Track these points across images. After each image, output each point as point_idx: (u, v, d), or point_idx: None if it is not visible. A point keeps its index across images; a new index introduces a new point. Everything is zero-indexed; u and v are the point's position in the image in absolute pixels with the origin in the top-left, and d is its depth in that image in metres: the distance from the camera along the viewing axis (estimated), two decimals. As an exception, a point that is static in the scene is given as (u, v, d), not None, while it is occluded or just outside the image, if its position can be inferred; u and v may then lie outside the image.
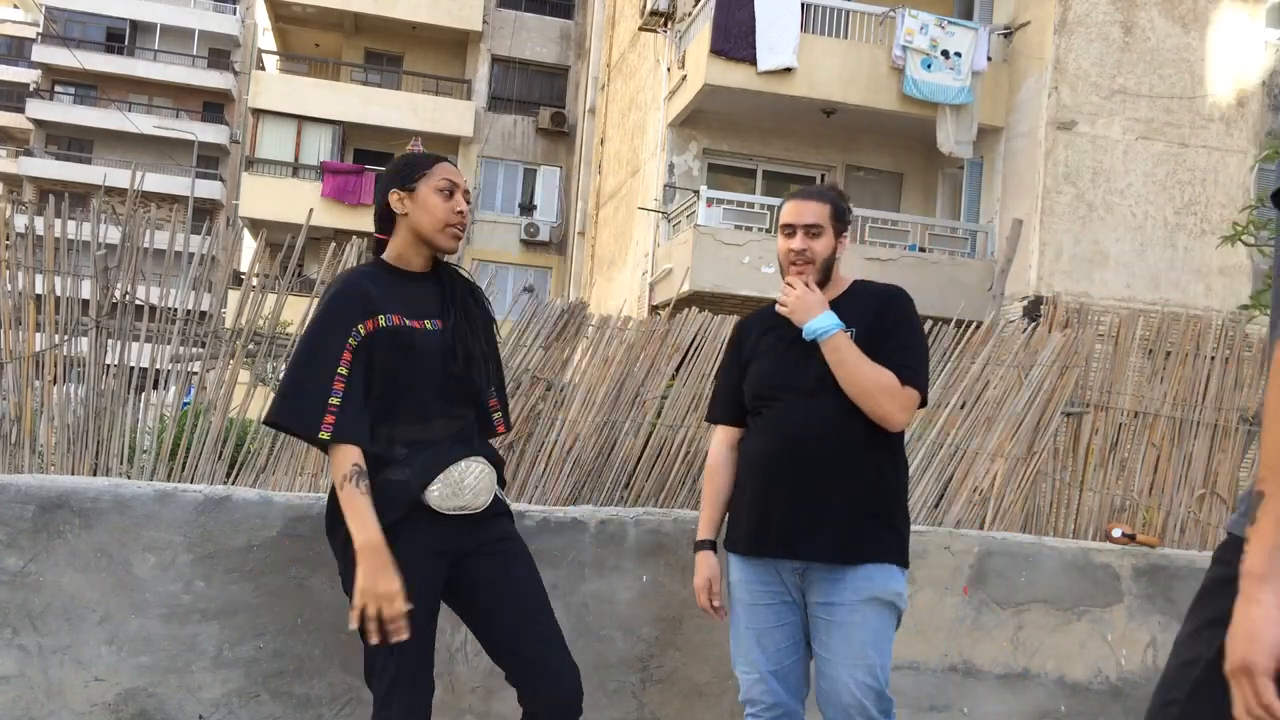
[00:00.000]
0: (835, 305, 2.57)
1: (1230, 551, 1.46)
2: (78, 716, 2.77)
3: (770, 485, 2.51)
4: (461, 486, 2.31)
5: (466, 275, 2.55)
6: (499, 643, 2.40)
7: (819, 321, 2.49)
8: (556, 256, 24.21)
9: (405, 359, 2.33)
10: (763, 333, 2.66)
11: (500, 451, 2.75)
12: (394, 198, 2.39)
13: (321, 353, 2.27)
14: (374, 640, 2.18)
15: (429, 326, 2.37)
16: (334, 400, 2.24)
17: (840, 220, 2.62)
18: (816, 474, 2.48)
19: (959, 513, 3.65)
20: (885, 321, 2.55)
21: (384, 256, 2.44)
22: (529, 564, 2.45)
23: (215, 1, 43.54)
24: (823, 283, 2.58)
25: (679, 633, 3.14)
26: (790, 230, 2.59)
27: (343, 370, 2.26)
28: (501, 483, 2.50)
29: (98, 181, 31.51)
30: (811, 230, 2.56)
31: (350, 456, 2.23)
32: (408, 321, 2.34)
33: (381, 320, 2.31)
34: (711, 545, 2.67)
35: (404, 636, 2.17)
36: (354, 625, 2.17)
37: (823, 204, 2.59)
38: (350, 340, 2.28)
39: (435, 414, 2.35)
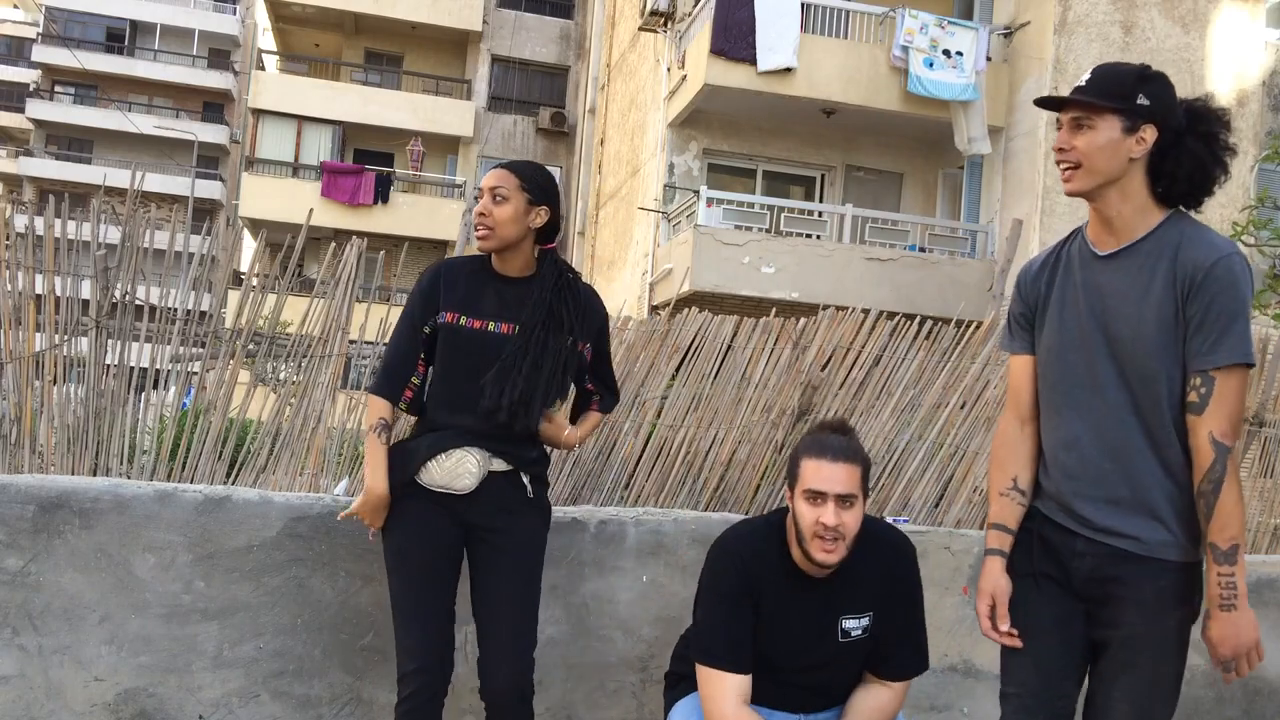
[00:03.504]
0: (840, 575, 2.35)
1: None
2: (78, 716, 2.77)
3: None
4: (442, 467, 2.51)
5: (571, 280, 2.65)
6: (476, 623, 2.60)
7: None
8: (556, 256, 24.19)
9: (454, 354, 2.56)
10: (775, 581, 2.38)
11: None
12: None
13: (405, 336, 2.62)
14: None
15: (490, 329, 2.56)
16: (415, 380, 2.61)
17: (868, 479, 2.33)
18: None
19: (959, 513, 3.66)
20: (899, 596, 2.44)
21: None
22: (521, 547, 2.59)
23: (215, 1, 43.53)
24: (844, 559, 2.30)
25: (679, 633, 3.13)
26: (819, 499, 2.25)
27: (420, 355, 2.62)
28: (541, 484, 2.66)
29: (98, 181, 31.50)
30: (845, 501, 2.25)
31: (380, 410, 2.58)
32: (467, 321, 2.56)
33: (440, 319, 2.58)
34: None
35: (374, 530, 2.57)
36: (341, 516, 2.62)
37: (854, 466, 2.27)
38: (425, 330, 2.60)
39: (468, 408, 2.53)
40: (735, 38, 13.23)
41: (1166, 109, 2.08)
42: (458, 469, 2.52)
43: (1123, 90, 2.06)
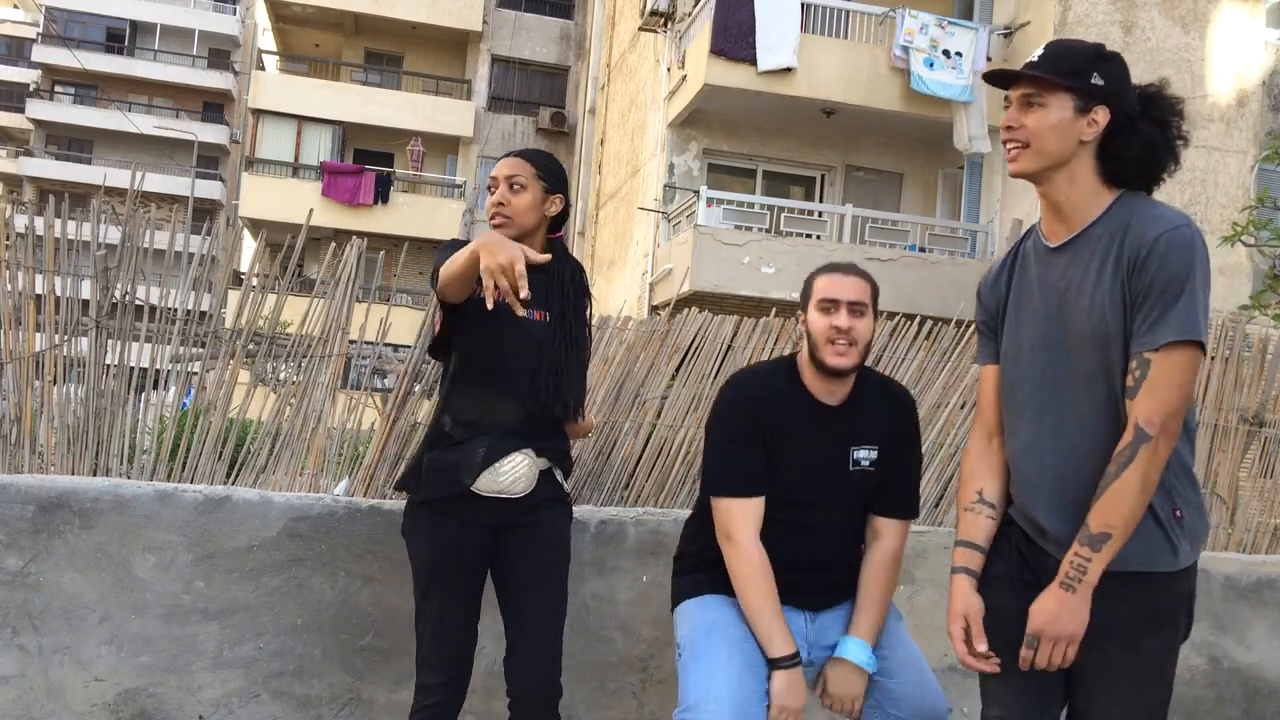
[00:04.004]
0: (852, 407, 2.45)
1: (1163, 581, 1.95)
2: (78, 716, 2.77)
3: (787, 586, 2.40)
4: (499, 474, 2.44)
5: (581, 271, 2.66)
6: (504, 621, 2.53)
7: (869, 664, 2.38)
8: (556, 256, 24.19)
9: (492, 338, 2.46)
10: (790, 413, 2.43)
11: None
12: None
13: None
14: (509, 301, 2.14)
15: (524, 314, 2.44)
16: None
17: (877, 302, 2.44)
18: (841, 573, 2.50)
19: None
20: (901, 438, 2.51)
21: None
22: (551, 545, 2.54)
23: (215, 1, 43.54)
24: (858, 368, 2.41)
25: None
26: (832, 306, 2.36)
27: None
28: (565, 474, 2.61)
29: (98, 181, 31.51)
30: (856, 308, 2.37)
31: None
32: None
33: (479, 292, 2.40)
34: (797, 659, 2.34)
35: (525, 294, 2.14)
36: (490, 304, 2.15)
37: (864, 282, 2.40)
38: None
39: (507, 399, 2.46)
40: (735, 38, 13.23)
41: (1120, 91, 1.98)
42: (515, 473, 2.46)
43: (1076, 68, 1.95)
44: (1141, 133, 1.97)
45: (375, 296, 3.90)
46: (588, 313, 2.66)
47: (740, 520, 2.36)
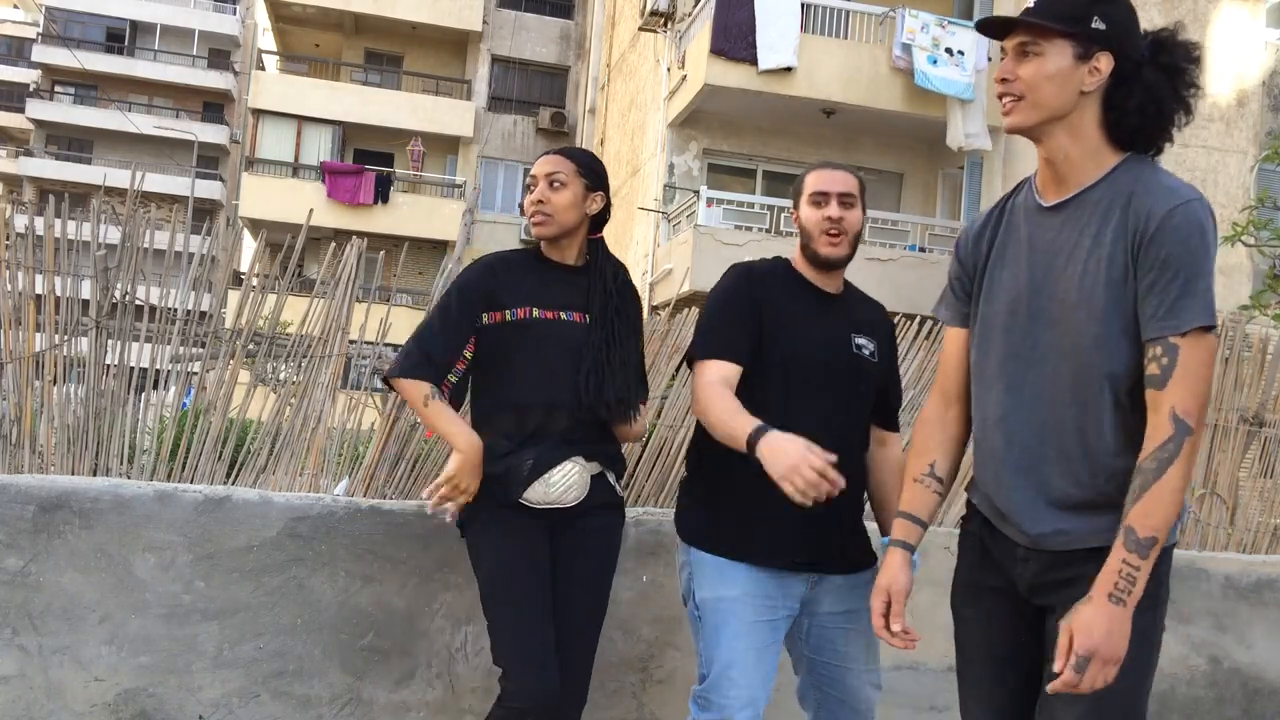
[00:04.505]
0: (851, 300, 2.55)
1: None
2: (78, 716, 2.77)
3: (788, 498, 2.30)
4: (550, 484, 2.39)
5: (624, 272, 2.63)
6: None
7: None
8: (556, 256, 24.19)
9: (533, 347, 2.42)
10: (792, 296, 2.44)
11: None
12: None
13: (452, 326, 2.44)
14: (430, 510, 2.44)
15: (563, 318, 2.45)
16: (452, 378, 2.46)
17: (865, 198, 2.52)
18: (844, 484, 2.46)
19: (959, 512, 3.65)
20: (889, 340, 2.60)
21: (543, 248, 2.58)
22: (601, 556, 2.52)
23: (215, 1, 43.55)
24: (849, 259, 2.47)
25: (679, 633, 3.13)
26: (823, 199, 2.42)
27: (466, 354, 2.47)
28: (618, 476, 2.57)
29: (98, 181, 31.52)
30: (845, 200, 2.43)
31: (424, 387, 2.39)
32: (540, 313, 2.43)
33: (507, 315, 2.43)
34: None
35: (448, 517, 2.46)
36: (430, 503, 2.41)
37: (853, 176, 2.47)
38: (474, 325, 2.46)
39: (552, 405, 2.41)
40: (735, 38, 13.24)
41: (1124, 34, 1.83)
42: (565, 482, 2.40)
43: (1075, 12, 1.80)
44: (1145, 79, 1.82)
45: (375, 296, 3.91)
46: (639, 316, 2.61)
47: (712, 373, 2.31)
